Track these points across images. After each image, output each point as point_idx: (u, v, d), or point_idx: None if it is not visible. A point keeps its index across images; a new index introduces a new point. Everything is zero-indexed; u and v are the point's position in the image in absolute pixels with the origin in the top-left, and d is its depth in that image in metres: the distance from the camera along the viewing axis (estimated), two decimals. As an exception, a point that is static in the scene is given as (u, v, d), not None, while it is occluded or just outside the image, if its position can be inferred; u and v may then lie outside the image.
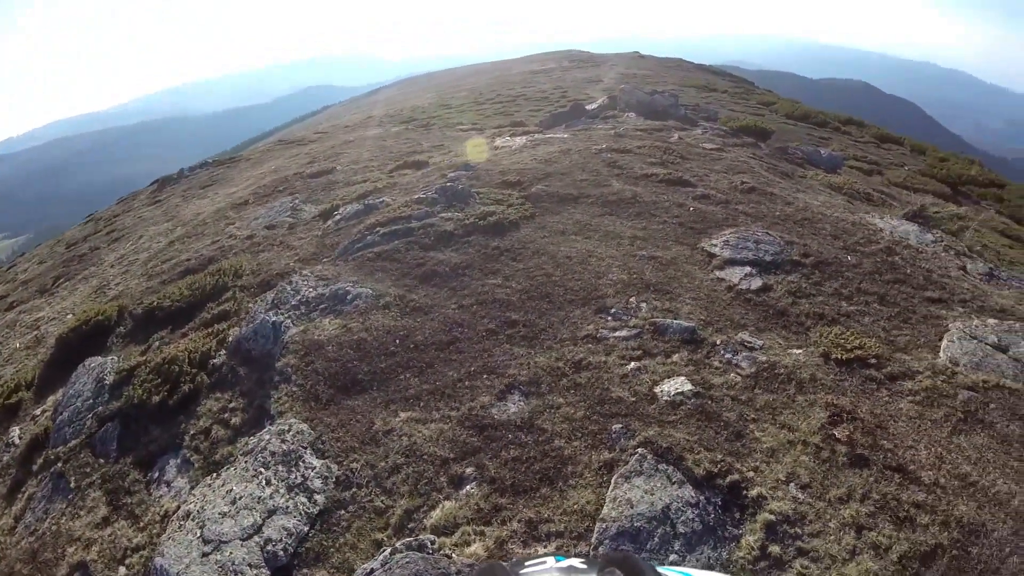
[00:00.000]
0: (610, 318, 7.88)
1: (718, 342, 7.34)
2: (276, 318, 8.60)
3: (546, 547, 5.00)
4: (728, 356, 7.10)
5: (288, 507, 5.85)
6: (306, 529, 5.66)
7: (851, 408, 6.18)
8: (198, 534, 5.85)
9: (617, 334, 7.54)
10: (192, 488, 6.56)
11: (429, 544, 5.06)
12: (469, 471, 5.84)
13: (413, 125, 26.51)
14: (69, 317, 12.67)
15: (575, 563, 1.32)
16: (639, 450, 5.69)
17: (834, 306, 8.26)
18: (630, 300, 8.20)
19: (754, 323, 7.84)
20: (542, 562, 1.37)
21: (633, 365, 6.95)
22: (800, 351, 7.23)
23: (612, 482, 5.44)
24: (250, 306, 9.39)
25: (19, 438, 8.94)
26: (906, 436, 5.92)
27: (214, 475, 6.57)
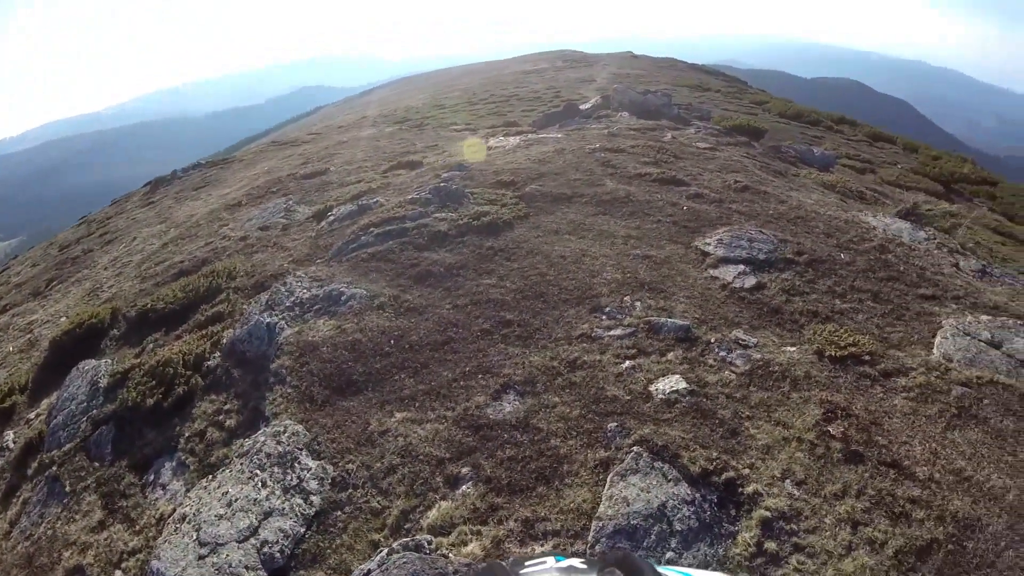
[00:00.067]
0: (605, 317, 7.89)
1: (712, 340, 7.36)
2: (270, 319, 8.58)
3: (543, 546, 5.01)
4: (722, 354, 7.11)
5: (284, 509, 5.84)
6: (302, 531, 5.65)
7: (846, 405, 6.20)
8: (194, 537, 5.83)
9: (612, 333, 7.55)
10: (188, 491, 6.54)
11: (426, 544, 5.06)
12: (465, 471, 5.84)
13: (407, 125, 26.51)
14: (62, 320, 12.62)
15: (575, 563, 1.33)
16: (635, 448, 5.70)
17: (828, 304, 8.28)
18: (624, 299, 8.21)
19: (748, 321, 7.86)
20: (542, 562, 1.37)
21: (628, 364, 6.96)
22: (794, 348, 7.25)
23: (608, 480, 5.45)
24: (244, 308, 9.36)
25: (13, 442, 8.90)
26: (900, 432, 5.94)
27: (209, 477, 6.55)
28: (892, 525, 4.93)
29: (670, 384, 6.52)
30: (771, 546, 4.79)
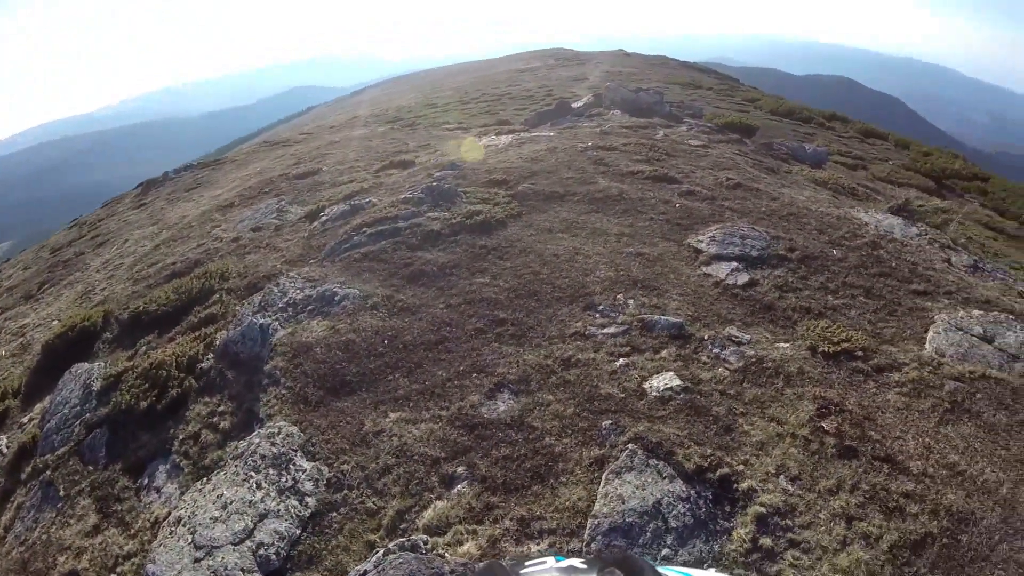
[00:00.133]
0: (598, 315, 7.90)
1: (706, 337, 7.37)
2: (263, 320, 8.56)
3: (539, 545, 5.01)
4: (716, 351, 7.13)
5: (279, 510, 5.82)
6: (298, 532, 5.64)
7: (839, 400, 6.22)
8: (189, 540, 5.81)
9: (605, 331, 7.56)
10: (182, 494, 6.52)
11: (422, 544, 5.05)
12: (460, 470, 5.84)
13: (399, 125, 26.46)
14: (55, 323, 12.56)
15: (575, 563, 1.33)
16: (629, 446, 5.71)
17: (820, 300, 8.31)
18: (618, 297, 8.21)
19: (741, 318, 7.88)
20: (542, 562, 1.37)
21: (622, 361, 6.96)
22: (787, 345, 7.28)
23: (603, 478, 5.45)
24: (237, 309, 9.34)
25: (6, 447, 8.85)
26: (894, 427, 5.96)
27: (204, 480, 6.52)
28: (886, 520, 4.96)
29: (664, 381, 6.53)
30: (766, 542, 4.81)
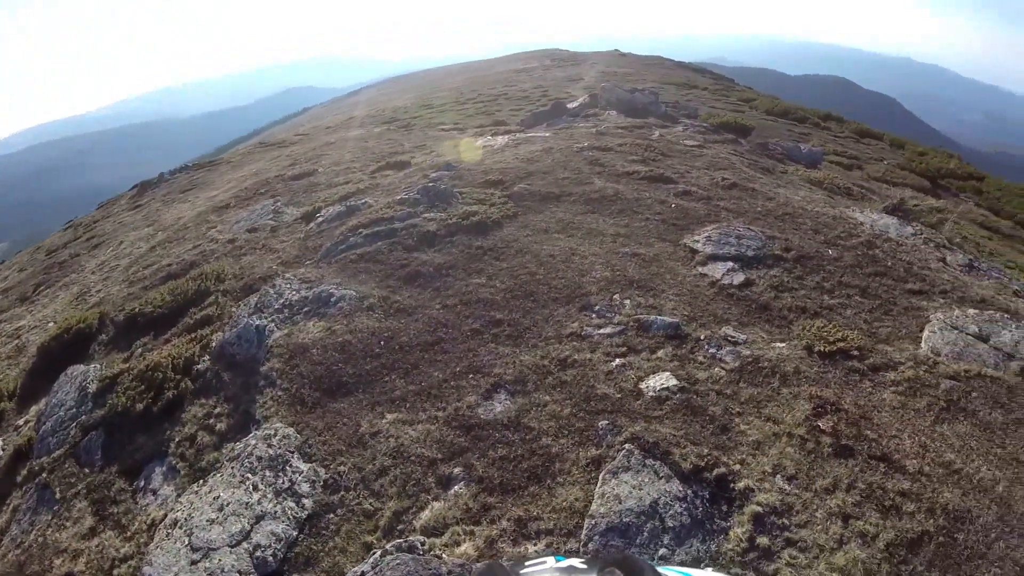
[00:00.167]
0: (594, 315, 7.90)
1: (702, 337, 7.38)
2: (260, 322, 8.55)
3: (536, 545, 5.01)
4: (712, 351, 7.14)
5: (276, 512, 5.82)
6: (295, 534, 5.63)
7: (835, 399, 6.23)
8: (186, 542, 5.80)
9: (602, 331, 7.56)
10: (179, 496, 6.50)
11: (419, 545, 5.05)
12: (457, 471, 5.84)
13: (395, 125, 26.45)
14: (50, 325, 12.52)
15: (575, 563, 1.33)
16: (626, 446, 5.71)
17: (816, 299, 8.33)
18: (614, 297, 8.22)
19: (737, 318, 7.89)
20: (542, 562, 1.38)
21: (618, 362, 6.97)
22: (783, 344, 7.29)
23: (600, 478, 5.45)
24: (233, 310, 9.32)
25: (2, 449, 8.82)
26: (890, 426, 5.98)
27: (201, 482, 6.51)
28: (883, 518, 4.97)
29: (660, 381, 6.54)
30: (763, 541, 4.82)
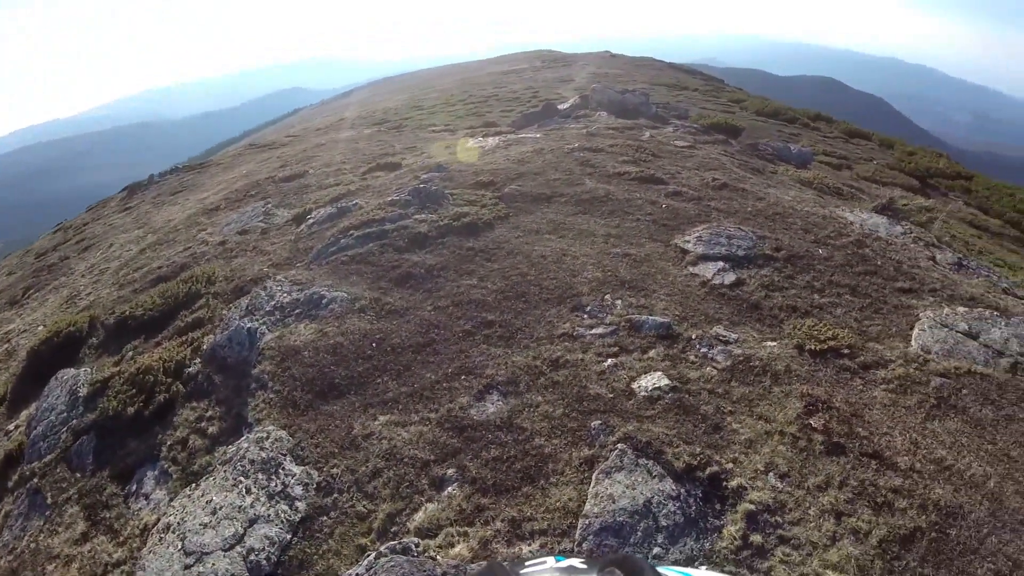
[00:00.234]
0: (586, 316, 7.92)
1: (693, 337, 7.41)
2: (251, 324, 8.52)
3: (530, 545, 5.01)
4: (704, 350, 7.17)
5: (269, 515, 5.79)
6: (288, 537, 5.61)
7: (826, 398, 6.27)
8: (179, 546, 5.76)
9: (593, 331, 7.58)
10: (171, 500, 6.47)
11: (413, 547, 5.04)
12: (450, 472, 5.83)
13: (385, 127, 26.40)
14: (40, 329, 12.43)
15: (575, 563, 1.33)
16: (619, 446, 5.73)
17: (807, 298, 8.37)
18: (605, 297, 8.24)
19: (728, 317, 7.92)
20: (542, 562, 1.38)
21: (610, 362, 6.98)
22: (774, 343, 7.32)
23: (593, 478, 5.47)
24: (224, 313, 9.28)
25: (-10, 454, 8.76)
26: (881, 423, 6.02)
27: (193, 486, 6.48)
28: (875, 515, 5.00)
29: (652, 381, 6.56)
30: (756, 539, 4.84)
